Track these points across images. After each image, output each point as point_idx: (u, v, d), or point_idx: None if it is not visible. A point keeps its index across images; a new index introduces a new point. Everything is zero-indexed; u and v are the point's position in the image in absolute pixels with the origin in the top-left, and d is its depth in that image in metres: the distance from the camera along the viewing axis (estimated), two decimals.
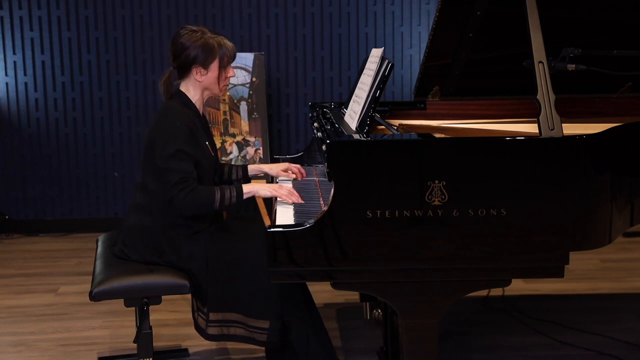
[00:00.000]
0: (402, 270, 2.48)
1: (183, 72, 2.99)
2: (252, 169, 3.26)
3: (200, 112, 3.05)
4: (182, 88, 3.02)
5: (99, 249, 3.25)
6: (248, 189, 2.93)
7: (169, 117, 2.92)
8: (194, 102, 3.01)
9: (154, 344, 3.04)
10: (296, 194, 2.95)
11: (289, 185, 3.13)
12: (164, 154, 2.85)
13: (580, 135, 2.52)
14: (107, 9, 5.41)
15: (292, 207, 2.86)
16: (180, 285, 2.89)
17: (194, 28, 2.98)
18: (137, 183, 3.09)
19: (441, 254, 2.46)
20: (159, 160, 2.86)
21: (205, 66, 2.95)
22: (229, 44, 3.00)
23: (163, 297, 2.95)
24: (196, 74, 2.96)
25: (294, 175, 3.23)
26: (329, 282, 2.52)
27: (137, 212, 3.03)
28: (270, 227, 2.46)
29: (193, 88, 3.00)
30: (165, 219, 2.95)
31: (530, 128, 3.03)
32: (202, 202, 2.86)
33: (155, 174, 2.93)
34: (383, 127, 3.14)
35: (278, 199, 2.99)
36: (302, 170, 3.25)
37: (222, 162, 3.33)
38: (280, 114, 5.59)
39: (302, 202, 2.92)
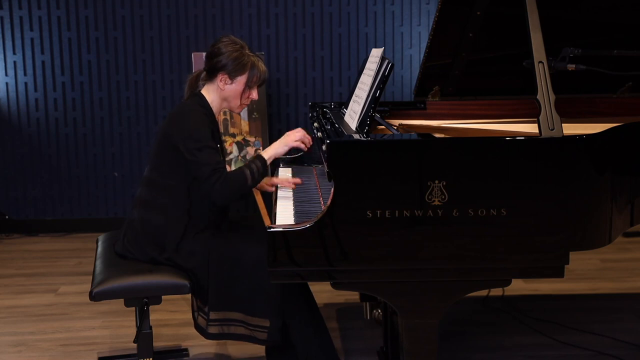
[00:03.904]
0: (402, 270, 2.48)
1: (210, 75, 3.03)
2: None
3: (216, 117, 3.07)
4: (204, 91, 3.05)
5: (99, 249, 3.25)
6: (268, 154, 2.98)
7: (187, 113, 2.95)
8: (211, 105, 3.03)
9: (154, 344, 3.04)
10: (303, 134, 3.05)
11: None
12: (191, 148, 2.87)
13: (580, 135, 2.52)
14: (107, 9, 5.42)
15: (292, 207, 2.87)
16: (180, 285, 2.89)
17: (237, 40, 3.03)
18: (143, 178, 3.09)
19: (441, 254, 2.46)
20: (188, 155, 2.88)
21: (232, 77, 2.98)
22: (262, 66, 3.03)
23: (163, 297, 2.95)
24: (220, 80, 2.99)
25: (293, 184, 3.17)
26: (329, 282, 2.52)
27: (141, 208, 3.04)
28: (270, 227, 2.46)
29: (213, 93, 3.03)
30: (172, 216, 2.96)
31: (530, 128, 3.03)
32: (237, 186, 2.88)
33: (174, 171, 2.94)
34: (383, 127, 3.14)
35: (278, 195, 3.02)
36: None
37: None
38: (280, 114, 5.59)
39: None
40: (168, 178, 2.96)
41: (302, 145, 3.03)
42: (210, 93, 3.04)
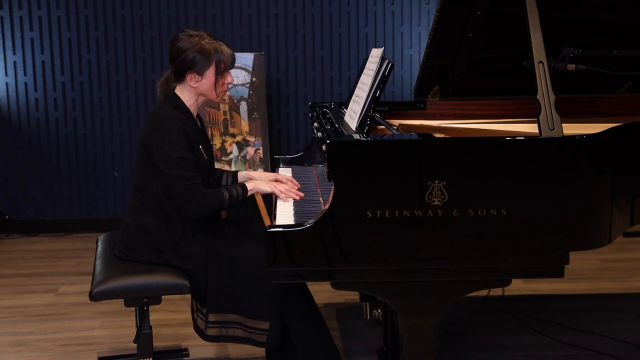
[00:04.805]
0: (402, 270, 2.48)
1: (179, 76, 2.99)
2: (242, 175, 3.23)
3: (194, 115, 3.04)
4: (177, 91, 3.01)
5: (99, 249, 3.25)
6: (251, 185, 2.97)
7: (162, 123, 2.91)
8: (187, 105, 3.00)
9: (154, 344, 3.04)
10: (295, 190, 2.97)
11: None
12: (166, 161, 2.85)
13: (580, 135, 2.52)
14: (107, 9, 5.42)
15: (292, 207, 2.87)
16: (180, 285, 2.89)
17: (192, 32, 2.97)
18: (132, 185, 3.08)
19: (441, 254, 2.46)
20: (162, 167, 2.87)
21: (200, 72, 2.94)
22: (226, 50, 2.97)
23: (163, 297, 2.95)
24: (190, 79, 2.96)
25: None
26: (329, 282, 2.52)
27: (134, 213, 3.03)
28: (270, 227, 2.46)
29: (188, 93, 3.00)
30: (167, 219, 2.95)
31: (530, 128, 3.03)
32: (213, 205, 2.89)
33: (157, 176, 2.93)
34: (383, 127, 3.14)
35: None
36: (294, 182, 3.12)
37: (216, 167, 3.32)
38: (280, 114, 5.59)
39: (303, 195, 2.94)
40: (153, 182, 2.94)
41: (284, 198, 2.92)
42: (184, 92, 3.00)
